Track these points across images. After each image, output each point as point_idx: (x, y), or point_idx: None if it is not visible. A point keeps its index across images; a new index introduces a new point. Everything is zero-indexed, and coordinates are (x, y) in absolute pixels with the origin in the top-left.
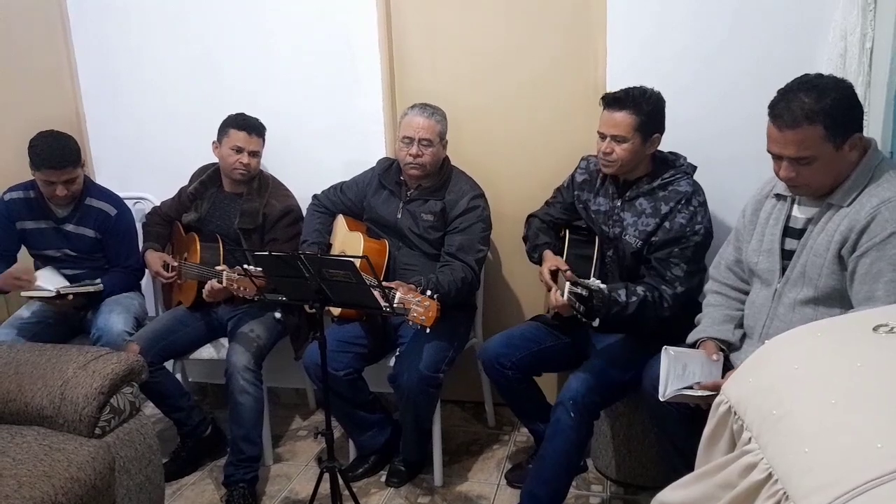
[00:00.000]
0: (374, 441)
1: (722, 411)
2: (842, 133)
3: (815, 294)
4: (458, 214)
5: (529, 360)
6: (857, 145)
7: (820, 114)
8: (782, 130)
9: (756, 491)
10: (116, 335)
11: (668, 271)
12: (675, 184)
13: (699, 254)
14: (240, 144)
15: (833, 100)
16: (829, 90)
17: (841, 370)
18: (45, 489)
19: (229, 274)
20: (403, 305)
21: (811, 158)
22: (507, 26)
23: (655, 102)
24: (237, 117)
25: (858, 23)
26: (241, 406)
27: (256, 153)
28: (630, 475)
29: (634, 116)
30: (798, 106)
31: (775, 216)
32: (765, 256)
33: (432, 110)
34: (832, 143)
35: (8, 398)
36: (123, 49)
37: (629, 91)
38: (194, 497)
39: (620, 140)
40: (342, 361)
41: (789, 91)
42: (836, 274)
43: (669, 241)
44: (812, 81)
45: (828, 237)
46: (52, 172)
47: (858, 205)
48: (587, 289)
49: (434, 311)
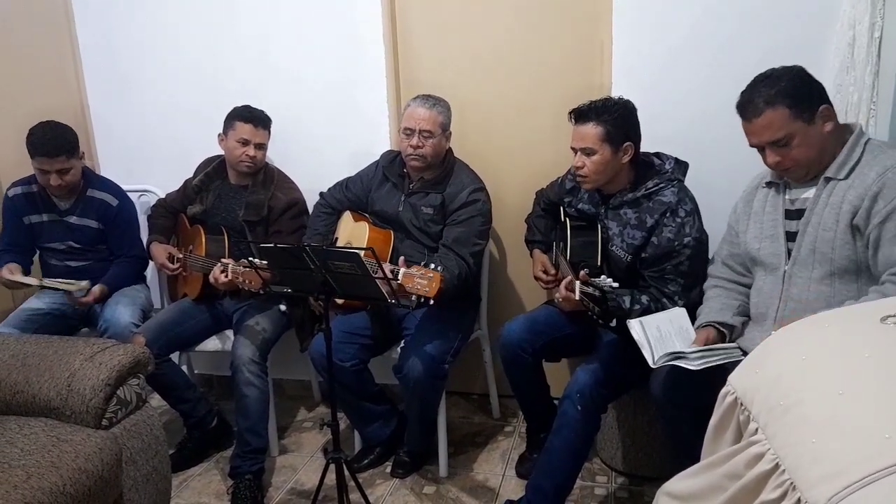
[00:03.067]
0: (380, 433)
1: (728, 402)
2: (807, 107)
3: (830, 269)
4: (457, 207)
5: (550, 346)
6: (829, 116)
7: (778, 96)
8: (751, 121)
9: (763, 481)
10: (123, 327)
11: (666, 287)
12: (659, 194)
13: (695, 265)
14: (246, 137)
15: (787, 81)
16: (782, 75)
17: (848, 361)
18: (54, 479)
19: (234, 267)
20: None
21: (787, 138)
22: (512, 19)
23: (622, 111)
24: (243, 109)
25: (867, 12)
26: (247, 398)
27: (262, 145)
28: (635, 466)
29: (600, 127)
30: (757, 95)
31: (771, 203)
32: (768, 242)
33: (434, 101)
34: (802, 120)
35: (16, 390)
36: (128, 42)
37: (593, 103)
38: (201, 488)
39: (589, 152)
40: (348, 353)
41: (748, 88)
42: (850, 244)
43: (660, 257)
44: (764, 74)
45: (834, 210)
46: (45, 161)
47: (860, 175)
48: (600, 290)
49: (437, 283)
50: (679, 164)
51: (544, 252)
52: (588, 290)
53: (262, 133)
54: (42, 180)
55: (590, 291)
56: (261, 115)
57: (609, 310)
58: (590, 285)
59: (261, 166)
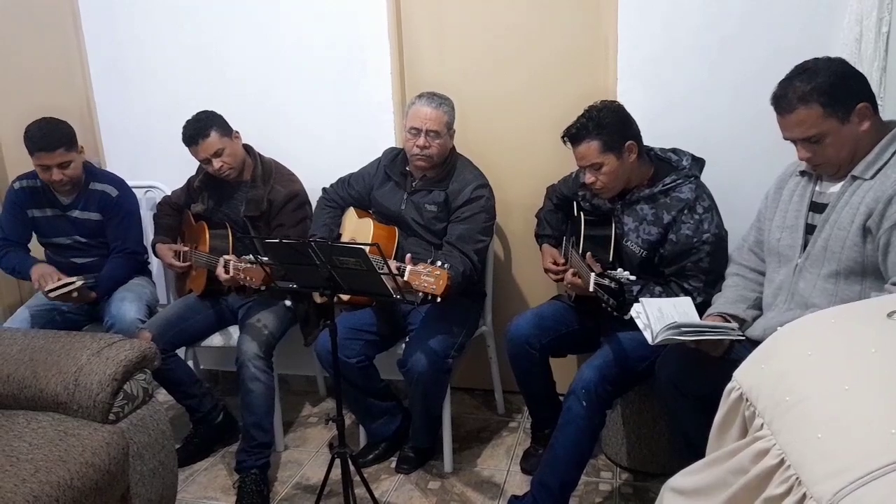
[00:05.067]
0: (385, 429)
1: (734, 398)
2: (842, 106)
3: (836, 268)
4: (460, 204)
5: (557, 342)
6: (867, 114)
7: (813, 93)
8: (784, 116)
9: (768, 476)
10: (129, 323)
11: (686, 283)
12: (676, 190)
13: (716, 260)
14: (201, 157)
15: (825, 77)
16: (820, 70)
17: (854, 356)
18: (61, 473)
19: (236, 264)
20: (413, 281)
21: (819, 136)
22: (517, 15)
23: (611, 115)
24: (183, 134)
25: (875, 6)
26: (253, 393)
27: (221, 150)
28: (640, 462)
29: (596, 141)
30: (792, 91)
31: (799, 192)
32: (788, 232)
33: (440, 100)
34: (836, 118)
35: (23, 384)
36: (133, 39)
37: (579, 121)
38: (207, 482)
39: (596, 167)
40: (354, 349)
41: (785, 80)
42: (859, 247)
43: (679, 254)
44: (804, 66)
45: (852, 210)
46: (44, 156)
47: (883, 177)
48: (616, 281)
49: (445, 280)
50: (696, 161)
51: (554, 246)
52: (604, 283)
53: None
54: (44, 177)
55: (606, 284)
56: (196, 128)
57: (627, 301)
58: (606, 277)
59: (241, 165)
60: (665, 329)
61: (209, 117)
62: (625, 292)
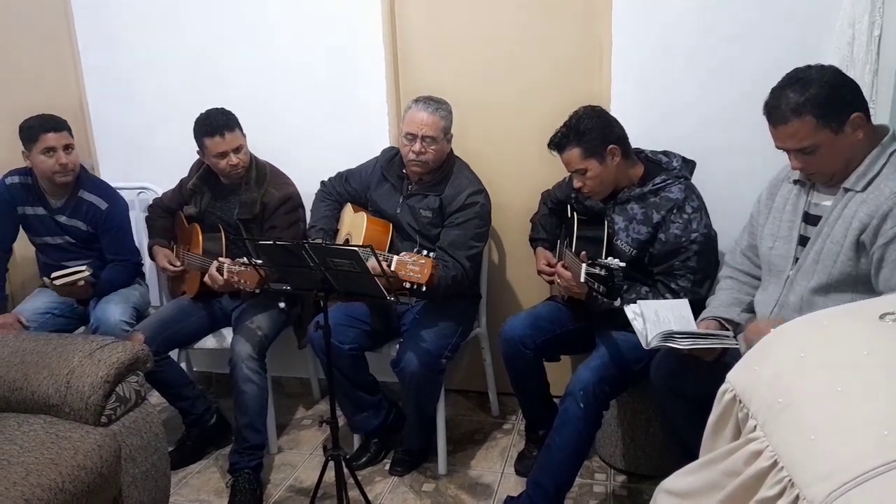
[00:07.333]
0: (368, 423)
1: (727, 399)
2: (835, 117)
3: (827, 280)
4: (454, 210)
5: (551, 343)
6: (861, 125)
7: (806, 105)
8: (777, 128)
9: (761, 478)
10: (113, 325)
11: (674, 282)
12: (666, 189)
13: (703, 259)
14: (221, 149)
15: (817, 88)
16: (813, 80)
17: (847, 358)
18: (53, 476)
19: (230, 266)
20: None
21: (812, 147)
22: (512, 19)
23: (590, 122)
24: (203, 124)
25: (867, 10)
26: (246, 395)
27: (241, 147)
28: (634, 464)
29: (577, 147)
30: (784, 102)
31: (792, 202)
32: (781, 242)
33: (437, 105)
34: (829, 129)
35: (14, 387)
36: (127, 41)
37: (561, 129)
38: (200, 485)
39: (582, 172)
40: (348, 336)
41: (777, 89)
42: (852, 260)
43: (668, 253)
44: (796, 75)
45: (845, 224)
46: (52, 137)
47: (876, 189)
48: (605, 268)
49: (429, 268)
50: (686, 163)
51: (548, 250)
52: (594, 271)
53: (233, 136)
54: (50, 164)
55: (595, 272)
56: (222, 120)
57: (616, 286)
58: (595, 266)
59: (249, 164)
60: (660, 336)
61: (231, 112)
62: (614, 277)
